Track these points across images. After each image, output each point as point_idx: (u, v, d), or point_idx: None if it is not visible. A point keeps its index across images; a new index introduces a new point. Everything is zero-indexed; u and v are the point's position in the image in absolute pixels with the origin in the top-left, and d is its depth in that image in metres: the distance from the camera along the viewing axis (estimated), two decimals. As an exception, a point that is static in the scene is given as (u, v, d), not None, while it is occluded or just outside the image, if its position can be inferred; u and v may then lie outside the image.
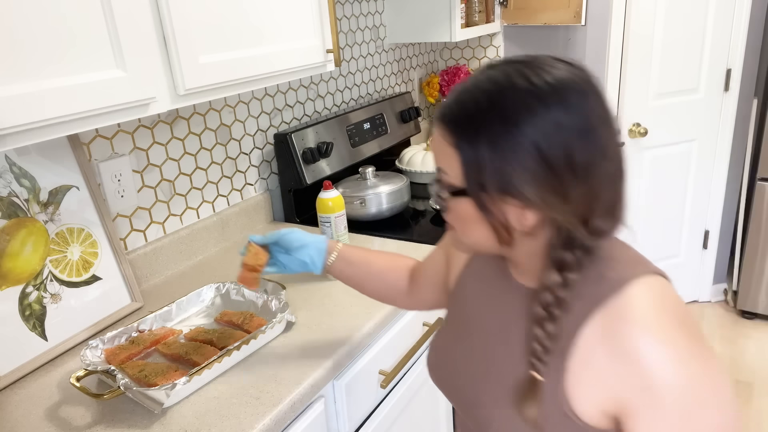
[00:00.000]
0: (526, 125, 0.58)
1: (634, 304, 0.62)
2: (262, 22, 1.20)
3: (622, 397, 0.61)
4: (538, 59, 0.64)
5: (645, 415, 0.60)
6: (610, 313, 0.62)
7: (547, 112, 0.58)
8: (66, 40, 0.85)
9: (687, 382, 0.59)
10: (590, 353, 0.63)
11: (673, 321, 0.61)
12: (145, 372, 1.00)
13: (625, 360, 0.60)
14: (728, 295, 2.94)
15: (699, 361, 0.60)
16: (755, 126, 2.64)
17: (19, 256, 1.11)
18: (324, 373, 1.06)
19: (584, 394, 0.64)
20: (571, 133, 0.59)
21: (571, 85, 0.61)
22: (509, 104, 0.60)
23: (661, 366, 0.59)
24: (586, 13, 2.33)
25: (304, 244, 1.00)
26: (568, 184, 0.59)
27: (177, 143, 1.50)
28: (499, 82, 0.61)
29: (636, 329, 0.60)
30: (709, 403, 0.60)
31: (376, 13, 2.21)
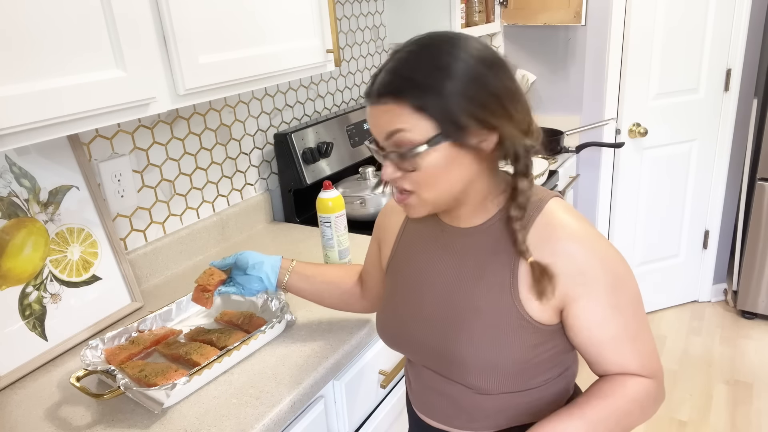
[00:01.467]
0: (475, 69, 0.72)
1: (555, 215, 0.79)
2: (262, 22, 1.20)
3: (563, 289, 0.77)
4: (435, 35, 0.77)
5: (582, 297, 0.77)
6: (540, 226, 0.79)
7: (471, 56, 0.73)
8: (66, 40, 0.85)
9: (608, 264, 0.77)
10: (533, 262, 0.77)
11: (584, 223, 0.79)
12: (145, 372, 1.00)
13: (560, 257, 0.76)
14: (728, 295, 2.94)
15: (608, 247, 0.79)
16: (755, 126, 2.64)
17: (19, 256, 1.11)
18: (324, 373, 1.06)
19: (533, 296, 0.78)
20: (494, 68, 0.74)
21: (470, 38, 0.76)
22: (445, 57, 0.72)
23: (588, 257, 0.76)
24: (586, 13, 2.33)
25: (259, 261, 1.09)
26: (510, 105, 0.74)
27: (177, 143, 1.50)
28: (431, 47, 0.74)
29: (564, 232, 0.77)
30: (625, 276, 0.79)
31: (376, 13, 2.21)
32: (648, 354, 0.81)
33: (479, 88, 0.72)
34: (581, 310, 0.78)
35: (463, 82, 0.72)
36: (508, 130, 0.74)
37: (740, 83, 2.56)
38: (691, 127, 2.62)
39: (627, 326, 0.79)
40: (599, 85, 2.47)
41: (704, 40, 2.48)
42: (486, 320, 0.81)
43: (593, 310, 0.77)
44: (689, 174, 2.71)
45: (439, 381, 0.89)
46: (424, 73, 0.72)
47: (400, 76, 0.73)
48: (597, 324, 0.78)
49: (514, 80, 0.76)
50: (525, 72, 2.58)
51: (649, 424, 2.20)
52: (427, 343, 0.87)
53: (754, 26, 2.49)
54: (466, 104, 0.72)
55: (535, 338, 0.80)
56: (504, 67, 0.75)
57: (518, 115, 0.75)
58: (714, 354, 2.58)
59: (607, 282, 0.77)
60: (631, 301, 0.79)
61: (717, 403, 2.29)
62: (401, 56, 0.75)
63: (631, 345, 0.79)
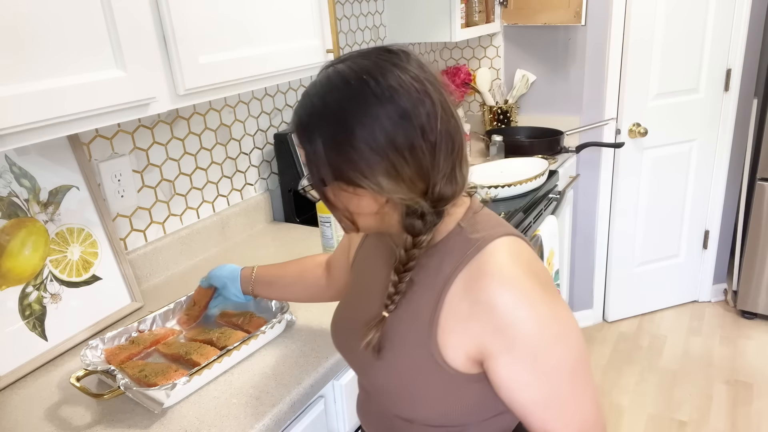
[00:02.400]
0: (349, 125, 0.66)
1: (491, 259, 0.70)
2: (262, 22, 1.20)
3: (482, 342, 0.69)
4: (354, 58, 0.70)
5: (502, 355, 0.68)
6: (472, 269, 0.71)
7: (366, 109, 0.65)
8: (66, 40, 0.85)
9: (535, 325, 0.67)
10: (457, 306, 0.71)
11: (524, 272, 0.69)
12: (145, 372, 1.00)
13: (483, 307, 0.68)
14: (728, 295, 2.94)
15: (546, 305, 0.68)
16: (755, 126, 2.64)
17: (19, 256, 1.11)
18: (324, 373, 1.06)
19: (452, 342, 0.71)
20: (390, 121, 0.65)
21: (384, 77, 0.67)
22: (333, 108, 0.67)
23: (512, 311, 0.67)
24: (586, 13, 2.33)
25: (222, 285, 1.16)
26: (398, 167, 0.66)
27: (177, 143, 1.50)
28: (326, 85, 0.69)
29: (492, 280, 0.68)
30: (554, 342, 0.68)
31: (376, 13, 2.21)
32: (580, 423, 0.71)
33: (346, 146, 0.66)
34: (501, 368, 0.69)
35: (331, 138, 0.67)
36: (387, 192, 0.68)
37: (740, 83, 2.56)
38: (691, 127, 2.62)
39: (553, 393, 0.69)
40: (599, 85, 2.47)
41: (704, 40, 2.48)
42: (406, 351, 0.75)
43: (514, 370, 0.69)
44: (689, 174, 2.70)
45: (370, 395, 0.88)
46: (308, 116, 0.69)
47: (298, 111, 0.71)
48: (517, 386, 0.70)
49: (416, 132, 0.66)
50: (525, 72, 2.58)
51: (649, 424, 2.21)
52: (357, 357, 0.84)
53: (754, 26, 2.49)
54: (328, 161, 0.68)
55: (451, 384, 0.73)
56: (409, 118, 0.66)
57: (406, 176, 0.67)
58: (714, 354, 2.58)
59: (531, 343, 0.67)
60: (564, 366, 0.69)
61: (717, 403, 2.29)
62: (308, 88, 0.71)
63: (558, 413, 0.70)
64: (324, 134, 0.67)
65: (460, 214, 0.76)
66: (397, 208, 0.71)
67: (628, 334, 2.76)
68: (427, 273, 0.75)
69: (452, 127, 0.70)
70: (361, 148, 0.66)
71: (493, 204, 1.85)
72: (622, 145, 2.40)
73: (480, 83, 2.59)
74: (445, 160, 0.69)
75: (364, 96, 0.66)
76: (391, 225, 0.75)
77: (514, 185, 1.87)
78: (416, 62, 0.70)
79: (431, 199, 0.70)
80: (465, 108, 2.79)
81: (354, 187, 0.69)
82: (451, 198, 0.72)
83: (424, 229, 0.72)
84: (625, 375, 2.48)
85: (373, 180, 0.67)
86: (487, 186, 1.85)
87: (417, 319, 0.74)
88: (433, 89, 0.69)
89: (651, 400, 2.33)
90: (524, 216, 1.89)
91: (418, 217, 0.71)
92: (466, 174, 0.74)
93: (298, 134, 0.71)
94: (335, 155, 0.67)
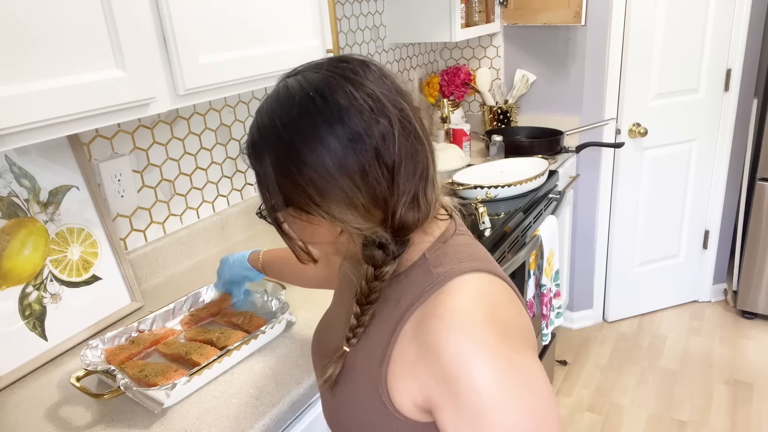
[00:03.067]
0: (296, 146, 0.60)
1: (448, 299, 0.61)
2: (262, 22, 1.20)
3: (428, 391, 0.61)
4: (305, 71, 0.64)
5: (447, 407, 0.59)
6: (427, 308, 0.62)
7: (312, 130, 0.59)
8: (66, 40, 0.85)
9: (483, 380, 0.57)
10: (406, 347, 0.63)
11: (483, 317, 0.60)
12: (145, 372, 1.00)
13: (430, 353, 0.60)
14: (728, 295, 2.94)
15: (502, 359, 0.58)
16: (755, 126, 2.64)
17: (19, 256, 1.11)
18: (324, 373, 1.06)
19: (400, 387, 0.64)
20: (340, 144, 0.59)
21: (334, 94, 0.60)
22: (283, 131, 0.61)
23: (459, 361, 0.58)
24: (586, 13, 2.33)
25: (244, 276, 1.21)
26: (350, 194, 0.60)
27: (177, 143, 1.50)
28: (274, 101, 0.63)
29: (442, 323, 0.59)
30: (505, 403, 0.57)
31: (376, 13, 2.21)
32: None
33: (294, 171, 0.60)
34: (445, 422, 0.60)
35: (279, 161, 0.61)
36: (342, 222, 0.62)
37: (740, 83, 2.56)
38: (691, 127, 2.62)
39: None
40: (599, 85, 2.47)
41: (704, 40, 2.48)
42: (357, 389, 0.69)
43: (456, 427, 0.59)
44: (689, 174, 2.71)
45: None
46: (258, 136, 0.64)
47: (251, 130, 0.66)
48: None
49: (370, 155, 0.60)
50: (525, 72, 2.58)
51: (649, 424, 2.21)
52: (320, 378, 0.77)
53: (754, 26, 2.49)
54: (278, 186, 0.62)
55: (400, 429, 0.65)
56: (362, 140, 0.59)
57: (360, 204, 0.61)
58: (714, 354, 2.58)
59: (476, 401, 0.57)
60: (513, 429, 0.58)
61: (717, 403, 2.29)
62: (260, 105, 0.66)
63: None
64: (272, 156, 0.62)
65: (429, 242, 0.68)
66: (355, 237, 0.65)
67: (628, 334, 2.76)
68: (386, 305, 0.67)
69: (414, 147, 0.63)
70: (309, 174, 0.60)
71: (494, 204, 1.85)
72: (622, 145, 2.40)
73: (480, 83, 2.59)
74: (405, 184, 0.62)
75: (310, 116, 0.60)
76: (350, 254, 0.69)
77: (514, 185, 1.87)
78: (375, 75, 0.63)
79: (392, 228, 0.63)
80: (465, 108, 2.79)
81: (306, 214, 0.63)
82: (414, 226, 0.65)
83: (386, 260, 0.64)
84: (625, 375, 2.48)
85: (325, 208, 0.61)
86: (487, 186, 1.85)
87: (370, 357, 0.67)
88: (392, 106, 0.62)
89: (651, 400, 2.33)
90: (524, 216, 1.89)
91: (378, 248, 0.64)
92: (432, 198, 0.66)
93: (248, 154, 0.65)
94: (284, 179, 0.62)
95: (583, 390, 2.41)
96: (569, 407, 2.32)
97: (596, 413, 2.28)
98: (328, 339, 0.80)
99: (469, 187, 1.86)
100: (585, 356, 2.62)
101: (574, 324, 2.84)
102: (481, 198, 1.84)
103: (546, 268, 1.91)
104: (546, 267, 1.90)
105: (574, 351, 2.66)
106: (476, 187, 1.85)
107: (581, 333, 2.80)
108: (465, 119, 2.65)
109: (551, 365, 2.43)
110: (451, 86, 2.58)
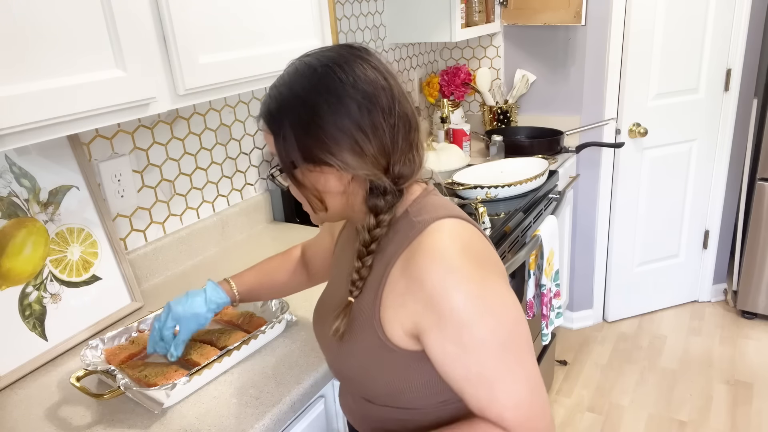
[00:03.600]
0: (317, 107, 0.72)
1: (428, 239, 0.74)
2: (262, 22, 1.20)
3: (416, 317, 0.73)
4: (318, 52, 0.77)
5: (432, 330, 0.72)
6: (411, 249, 0.74)
7: (332, 92, 0.72)
8: (66, 40, 0.85)
9: (461, 300, 0.70)
10: (395, 283, 0.75)
11: (458, 250, 0.72)
12: (145, 372, 1.00)
13: (416, 283, 0.72)
14: (728, 295, 2.94)
15: (474, 282, 0.71)
16: (755, 126, 2.64)
17: (19, 256, 1.11)
18: (324, 373, 1.06)
19: (390, 318, 0.75)
20: (354, 103, 0.72)
21: (348, 65, 0.74)
22: (302, 93, 0.73)
23: (440, 286, 0.70)
24: (586, 13, 2.33)
25: (201, 324, 1.03)
26: (362, 144, 0.73)
27: (177, 143, 1.50)
28: (293, 74, 0.75)
29: (425, 257, 0.72)
30: (480, 317, 0.70)
31: (376, 13, 2.21)
32: (512, 407, 0.72)
33: (314, 127, 0.72)
34: (432, 342, 0.72)
35: (300, 120, 0.73)
36: (352, 169, 0.73)
37: (740, 83, 2.56)
38: (691, 127, 2.62)
39: (481, 370, 0.71)
40: (599, 85, 2.47)
41: (704, 40, 2.48)
42: (355, 335, 0.80)
43: (443, 345, 0.71)
44: (689, 174, 2.71)
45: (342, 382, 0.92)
46: (277, 104, 0.75)
47: (266, 99, 0.77)
48: (448, 361, 0.72)
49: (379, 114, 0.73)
50: (525, 72, 2.58)
51: (649, 424, 2.21)
52: (325, 342, 0.88)
53: (754, 26, 2.49)
54: (297, 143, 0.73)
55: (396, 361, 0.77)
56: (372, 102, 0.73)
57: (370, 153, 0.73)
58: (714, 354, 2.58)
59: (457, 318, 0.70)
60: (491, 343, 0.70)
61: (717, 403, 2.29)
62: (277, 80, 0.77)
63: (488, 392, 0.72)
64: (293, 118, 0.73)
65: (410, 201, 0.80)
66: (362, 186, 0.77)
67: (628, 334, 2.76)
68: (378, 257, 0.79)
69: (409, 111, 0.77)
70: (328, 128, 0.72)
71: (494, 204, 1.85)
72: (622, 145, 2.40)
73: (480, 83, 2.59)
74: (403, 140, 0.76)
75: (330, 80, 0.72)
76: (355, 206, 0.79)
77: (514, 185, 1.87)
78: (376, 57, 0.77)
79: (392, 177, 0.76)
80: (465, 108, 2.79)
81: (321, 166, 0.74)
82: (410, 176, 0.78)
83: (385, 208, 0.77)
84: (625, 375, 2.48)
85: (340, 157, 0.73)
86: (487, 186, 1.85)
87: (365, 301, 0.79)
88: (392, 78, 0.76)
89: (651, 400, 2.33)
90: (524, 216, 1.89)
91: (381, 195, 0.76)
92: (422, 156, 0.80)
93: (267, 122, 0.76)
94: (304, 137, 0.73)
95: (583, 390, 2.41)
96: (569, 407, 2.32)
97: (596, 413, 2.28)
98: (329, 305, 0.89)
99: (469, 187, 1.86)
100: (585, 356, 2.62)
101: (574, 324, 2.84)
102: (481, 198, 1.84)
103: (546, 268, 1.91)
104: (546, 267, 1.90)
105: (574, 351, 2.66)
106: (476, 187, 1.85)
107: (581, 333, 2.80)
108: (465, 119, 2.65)
109: (551, 365, 2.43)
110: (451, 86, 2.58)
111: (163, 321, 1.01)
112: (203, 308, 1.02)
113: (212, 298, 1.03)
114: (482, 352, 0.71)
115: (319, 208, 0.80)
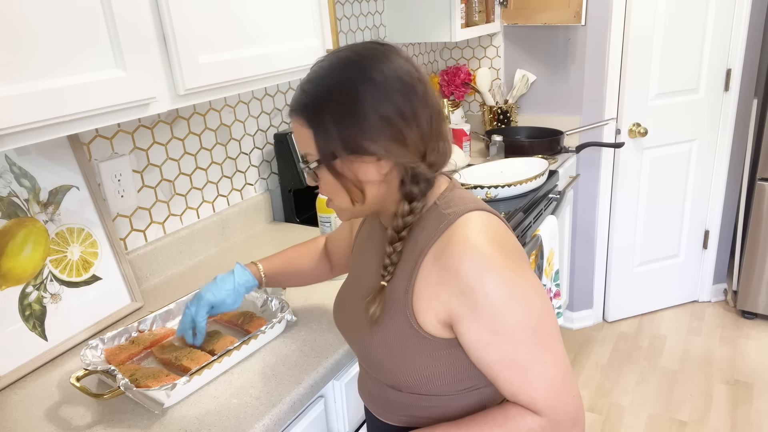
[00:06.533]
0: (359, 97, 0.73)
1: (459, 230, 0.76)
2: (262, 22, 1.20)
3: (449, 306, 0.75)
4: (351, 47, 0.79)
5: (466, 317, 0.74)
6: (443, 240, 0.77)
7: (373, 83, 0.74)
8: (66, 40, 0.85)
9: (495, 287, 0.73)
10: (428, 273, 0.77)
11: (488, 240, 0.75)
12: (136, 376, 1.00)
13: (449, 273, 0.74)
14: (728, 295, 2.94)
15: (507, 270, 0.74)
16: (755, 126, 2.64)
17: (19, 256, 1.11)
18: (324, 373, 1.06)
19: (424, 307, 0.78)
20: (395, 92, 0.74)
21: (385, 57, 0.76)
22: (342, 84, 0.75)
23: (474, 275, 0.73)
24: (586, 13, 2.33)
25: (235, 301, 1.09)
26: (404, 132, 0.75)
27: (177, 143, 1.50)
28: (329, 68, 0.77)
29: (457, 247, 0.75)
30: (514, 304, 0.73)
31: (376, 13, 2.21)
32: (543, 389, 0.75)
33: (357, 116, 0.73)
34: (466, 330, 0.75)
35: (342, 111, 0.74)
36: (394, 156, 0.76)
37: (740, 83, 2.56)
38: (691, 127, 2.62)
39: (514, 354, 0.74)
40: (599, 85, 2.47)
41: (704, 40, 2.48)
42: (386, 322, 0.82)
43: (477, 332, 0.74)
44: (689, 174, 2.71)
45: (367, 371, 0.93)
46: (314, 98, 0.76)
47: (302, 95, 0.78)
48: (481, 347, 0.75)
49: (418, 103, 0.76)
50: (525, 72, 2.58)
51: (649, 424, 2.21)
52: (353, 330, 0.90)
53: (754, 26, 2.49)
54: (339, 134, 0.74)
55: (427, 349, 0.79)
56: (411, 92, 0.75)
57: (411, 141, 0.76)
58: (714, 354, 2.58)
59: (491, 305, 0.73)
60: (524, 328, 0.74)
61: (717, 403, 2.29)
62: (310, 74, 0.78)
63: (520, 375, 0.75)
64: (334, 109, 0.74)
65: (438, 194, 0.83)
66: (397, 175, 0.79)
67: (628, 334, 2.76)
68: (408, 246, 0.81)
69: (439, 104, 0.81)
70: (372, 117, 0.73)
71: (494, 204, 1.85)
72: (622, 145, 2.40)
73: (480, 83, 2.59)
74: (438, 128, 0.79)
75: (371, 70, 0.74)
76: (390, 197, 0.82)
77: (514, 185, 1.87)
78: (404, 51, 0.80)
79: (427, 164, 0.79)
80: (465, 108, 2.79)
81: (362, 155, 0.75)
82: (442, 165, 0.82)
83: (419, 195, 0.80)
84: (625, 375, 2.49)
85: (382, 145, 0.74)
86: (487, 186, 1.85)
87: (397, 290, 0.81)
88: (422, 71, 0.80)
89: (651, 400, 2.33)
90: (524, 216, 1.89)
91: (416, 183, 0.79)
92: (450, 146, 0.83)
93: (305, 117, 0.77)
94: (346, 126, 0.74)
95: (583, 390, 2.41)
96: (569, 407, 2.32)
97: (596, 413, 2.28)
98: (356, 294, 0.90)
99: (469, 187, 1.86)
100: (585, 356, 2.62)
101: (574, 324, 2.84)
102: (481, 198, 1.84)
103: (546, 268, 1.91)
104: (546, 267, 1.90)
105: (574, 351, 2.66)
106: (476, 187, 1.85)
107: (581, 333, 2.80)
108: (465, 119, 2.65)
109: (551, 365, 2.43)
110: (451, 86, 2.58)
111: (196, 311, 1.07)
112: (232, 293, 1.08)
113: (240, 281, 1.09)
114: (515, 338, 0.74)
115: (359, 199, 0.81)
